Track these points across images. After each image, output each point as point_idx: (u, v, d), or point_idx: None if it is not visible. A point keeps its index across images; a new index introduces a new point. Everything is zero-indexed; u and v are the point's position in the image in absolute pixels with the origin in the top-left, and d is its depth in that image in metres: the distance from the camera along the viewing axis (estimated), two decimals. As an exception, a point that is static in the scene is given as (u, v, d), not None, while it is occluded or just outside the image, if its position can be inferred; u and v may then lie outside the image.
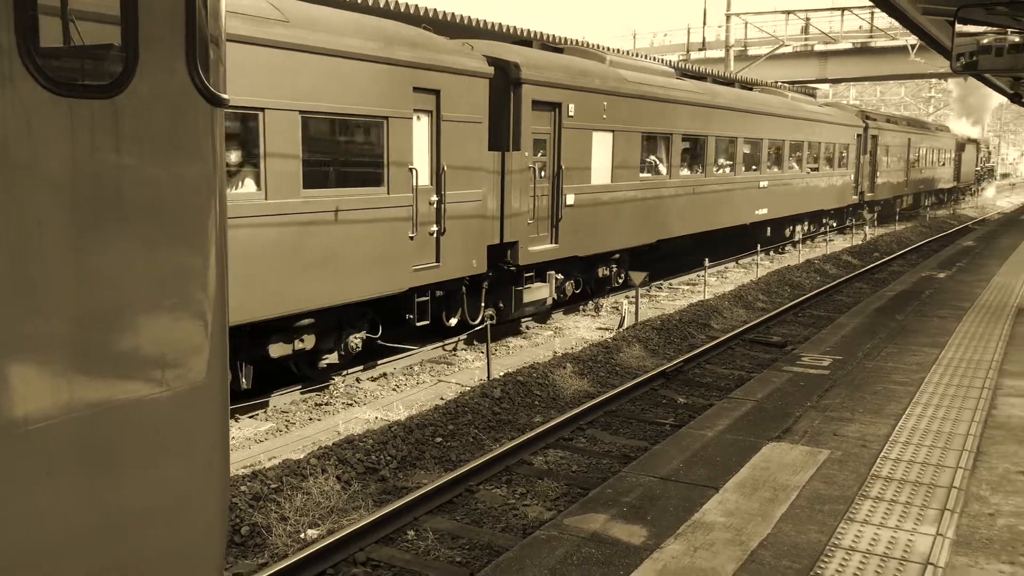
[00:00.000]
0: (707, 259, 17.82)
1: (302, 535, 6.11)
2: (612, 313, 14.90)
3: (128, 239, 2.62)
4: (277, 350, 8.98)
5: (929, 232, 29.84)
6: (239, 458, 7.67)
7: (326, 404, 9.57)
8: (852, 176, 28.12)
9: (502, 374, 10.25)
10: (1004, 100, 26.76)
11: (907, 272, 16.45)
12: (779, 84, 26.76)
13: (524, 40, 14.32)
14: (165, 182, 2.76)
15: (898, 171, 33.43)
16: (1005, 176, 69.93)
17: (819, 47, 34.68)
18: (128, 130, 2.59)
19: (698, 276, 18.37)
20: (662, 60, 20.26)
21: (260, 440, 8.44)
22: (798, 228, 25.16)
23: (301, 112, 8.59)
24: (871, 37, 33.08)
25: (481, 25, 14.03)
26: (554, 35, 15.91)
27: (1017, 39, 10.57)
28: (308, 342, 9.34)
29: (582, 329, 13.82)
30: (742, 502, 4.73)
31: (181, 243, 2.86)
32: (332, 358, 9.92)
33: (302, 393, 9.73)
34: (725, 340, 12.33)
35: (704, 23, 34.82)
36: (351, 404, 9.62)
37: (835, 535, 4.32)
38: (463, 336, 11.90)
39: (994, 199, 53.73)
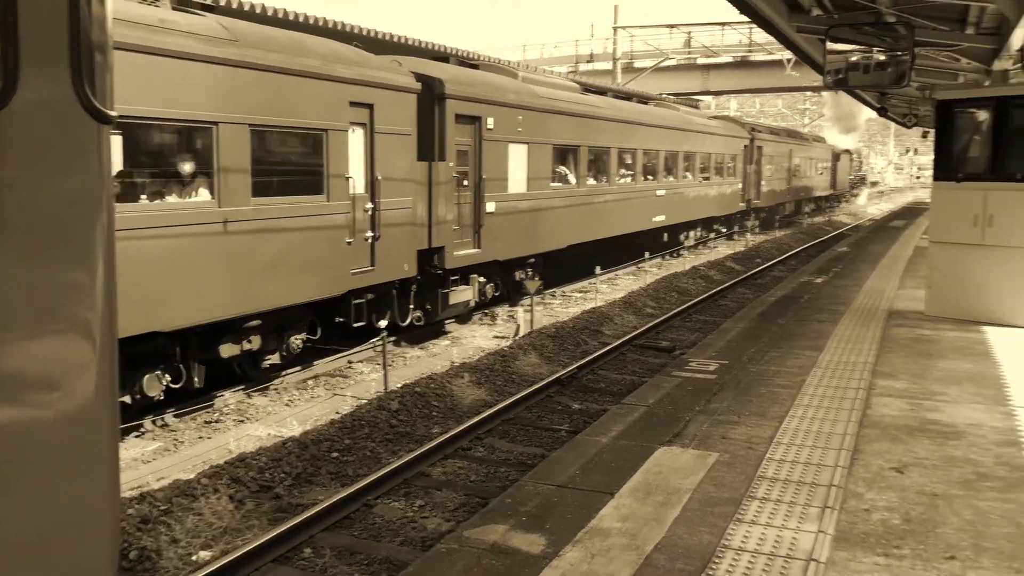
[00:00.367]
0: (598, 267, 18.20)
1: (194, 557, 5.94)
2: (508, 322, 15.03)
3: (9, 256, 2.52)
4: (227, 350, 9.53)
5: (807, 238, 31.20)
6: (126, 479, 7.38)
7: (216, 422, 9.33)
8: (740, 185, 30.01)
9: (399, 386, 10.21)
10: (873, 113, 28.58)
11: (787, 277, 17.17)
12: (664, 95, 27.57)
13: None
14: (49, 199, 2.67)
15: (781, 180, 35.62)
16: (875, 184, 73.86)
17: (702, 60, 35.89)
18: (9, 146, 2.50)
19: (590, 283, 18.70)
20: (558, 73, 20.98)
21: (147, 460, 8.17)
22: (692, 233, 26.42)
23: (250, 126, 9.26)
24: (750, 51, 34.44)
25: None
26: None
27: (882, 57, 11.18)
28: (255, 343, 9.93)
29: (479, 338, 13.88)
30: (637, 507, 4.87)
31: (66, 260, 2.77)
32: (274, 358, 10.54)
33: (176, 416, 9.40)
34: (617, 346, 12.61)
35: (592, 36, 35.49)
36: (242, 421, 9.41)
37: (725, 536, 4.49)
38: (368, 344, 11.79)
39: (865, 206, 56.66)
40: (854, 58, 11.51)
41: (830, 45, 11.58)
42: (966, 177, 10.27)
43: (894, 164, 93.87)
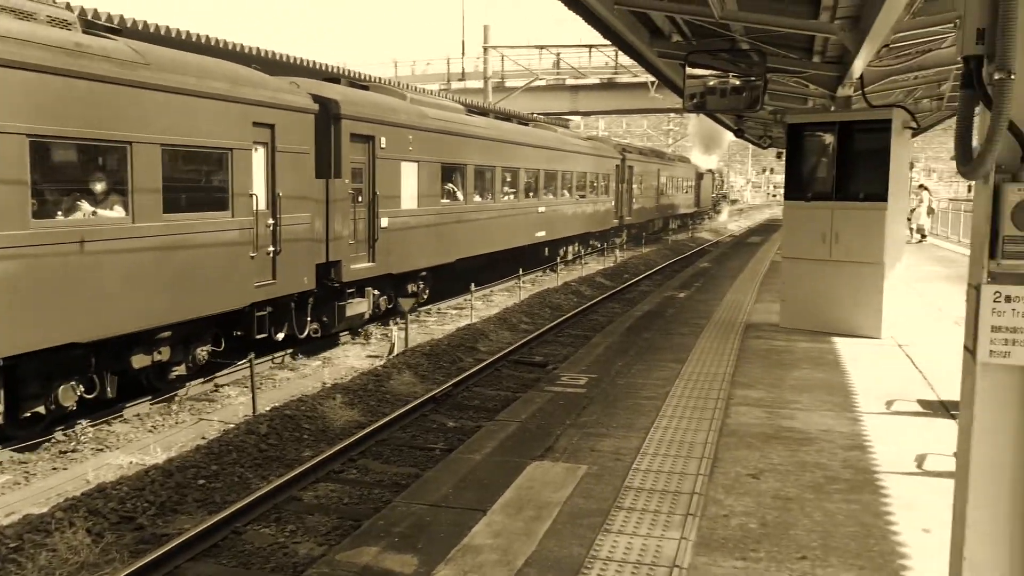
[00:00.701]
0: (473, 284, 18.35)
1: (49, 597, 5.65)
2: (382, 340, 14.92)
3: None
4: (138, 361, 9.89)
5: (672, 254, 32.31)
6: (-29, 518, 6.95)
7: (72, 451, 8.88)
8: (613, 202, 31.82)
9: (269, 409, 10.00)
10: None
11: (653, 292, 17.76)
12: (534, 115, 28.10)
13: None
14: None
15: (650, 198, 37.95)
16: (735, 202, 77.25)
17: (570, 81, 36.74)
18: None
19: (465, 300, 18.80)
20: (430, 91, 21.42)
21: (-4, 496, 7.69)
22: (570, 248, 27.96)
23: (162, 145, 9.73)
24: (616, 73, 35.52)
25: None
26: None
27: (737, 83, 11.75)
28: (165, 354, 10.33)
29: (352, 358, 13.73)
30: (508, 522, 4.95)
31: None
32: (180, 370, 10.90)
33: (22, 449, 8.93)
34: (491, 362, 12.73)
35: (463, 54, 35.71)
36: (102, 449, 9.00)
37: (594, 547, 4.62)
38: (235, 366, 11.47)
39: (726, 223, 59.19)
40: (711, 83, 12.05)
41: (689, 70, 12.09)
42: (814, 196, 10.92)
43: (752, 183, 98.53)
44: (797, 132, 11.18)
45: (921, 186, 30.85)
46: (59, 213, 8.82)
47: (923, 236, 27.88)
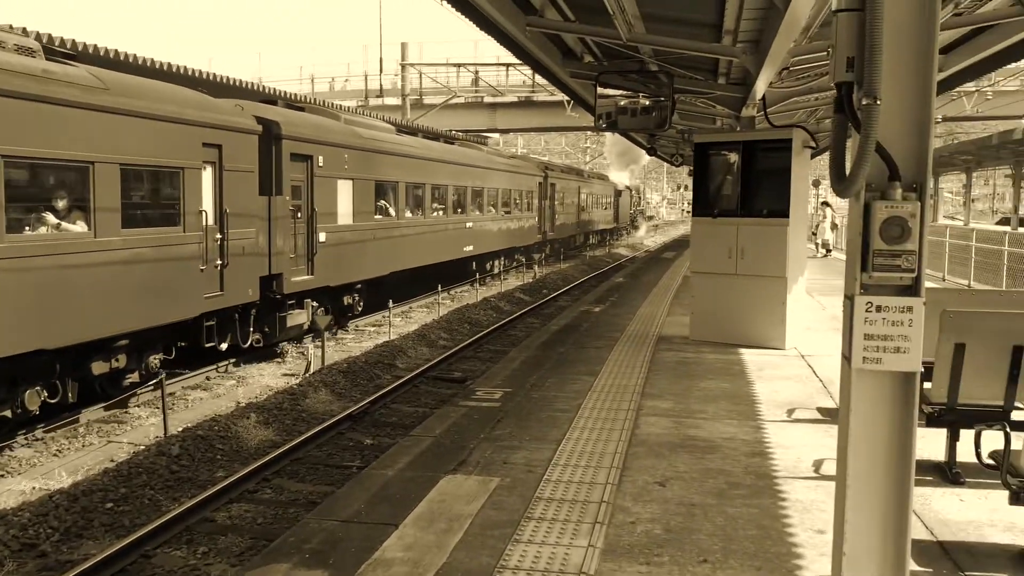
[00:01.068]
0: (391, 300, 18.32)
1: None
2: (298, 358, 14.77)
3: None
4: (98, 367, 10.54)
5: (589, 270, 32.78)
6: None
7: (-29, 478, 8.58)
8: (536, 218, 33.31)
9: (181, 429, 9.82)
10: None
11: (570, 307, 18.03)
12: (453, 132, 28.26)
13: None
14: None
15: (571, 214, 39.66)
16: (651, 218, 78.81)
17: (489, 99, 37.03)
18: None
19: (383, 317, 18.75)
20: (362, 111, 22.06)
21: None
22: (496, 263, 28.94)
23: (120, 165, 10.40)
24: (534, 92, 35.96)
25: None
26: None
27: (647, 103, 12.11)
28: (122, 361, 10.98)
29: (267, 376, 13.57)
30: (420, 535, 5.01)
31: None
32: (134, 377, 11.44)
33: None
34: (410, 379, 12.74)
35: (381, 71, 35.65)
36: (2, 475, 8.70)
37: (503, 557, 4.72)
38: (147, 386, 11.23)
39: (643, 238, 60.35)
40: (622, 103, 12.38)
41: (600, 90, 12.41)
42: (721, 213, 11.31)
43: (667, 199, 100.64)
44: (703, 151, 11.56)
45: (824, 203, 32.04)
46: (27, 228, 9.37)
47: (828, 251, 28.96)
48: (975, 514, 5.45)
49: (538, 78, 34.14)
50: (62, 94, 9.45)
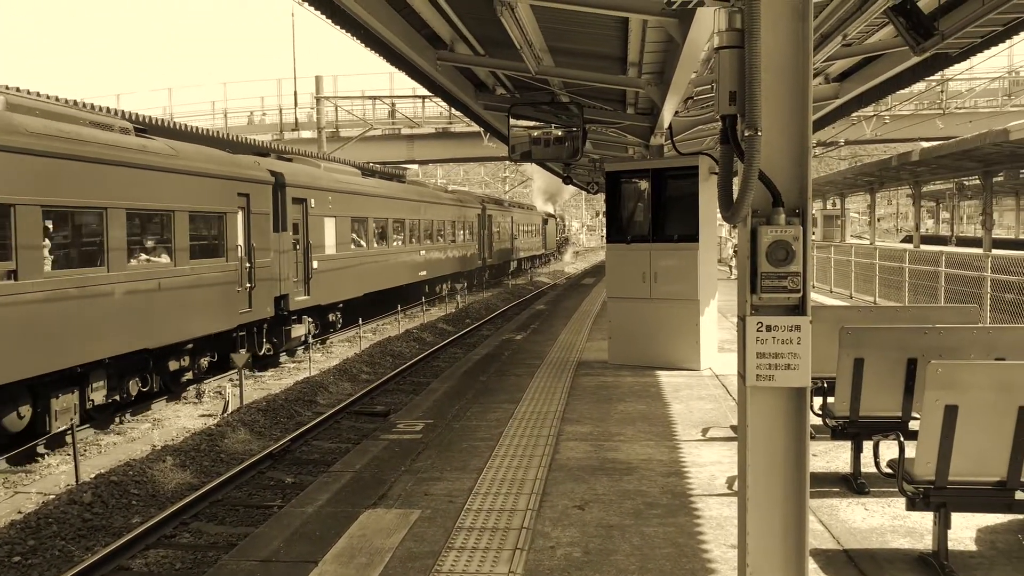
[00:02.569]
0: (312, 337, 18.15)
1: None
2: (215, 399, 14.49)
3: None
4: (173, 364, 13.93)
5: (512, 298, 32.99)
6: None
7: None
8: (478, 246, 37.43)
9: (93, 476, 9.54)
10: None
11: (492, 335, 18.11)
12: (370, 164, 28.32)
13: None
14: None
15: (507, 241, 44.33)
16: (571, 244, 79.96)
17: (406, 131, 37.12)
18: None
19: (303, 352, 18.54)
20: (277, 144, 23.55)
21: None
22: (444, 286, 32.44)
23: (188, 212, 13.82)
24: (450, 123, 36.19)
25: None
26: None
27: (560, 133, 12.37)
28: (186, 361, 14.37)
29: (183, 418, 13.27)
30: (340, 571, 4.99)
31: None
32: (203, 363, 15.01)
33: None
34: (331, 415, 12.62)
35: (296, 105, 35.36)
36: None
37: (424, 587, 4.73)
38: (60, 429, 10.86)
39: (564, 266, 61.10)
40: (536, 133, 12.62)
41: (513, 121, 12.62)
42: (634, 239, 11.58)
43: (586, 226, 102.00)
44: (615, 179, 11.84)
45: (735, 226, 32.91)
46: (132, 260, 12.55)
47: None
48: (878, 521, 5.69)
49: (454, 110, 34.49)
50: (154, 162, 12.80)
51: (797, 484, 3.49)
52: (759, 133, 3.32)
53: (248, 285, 15.77)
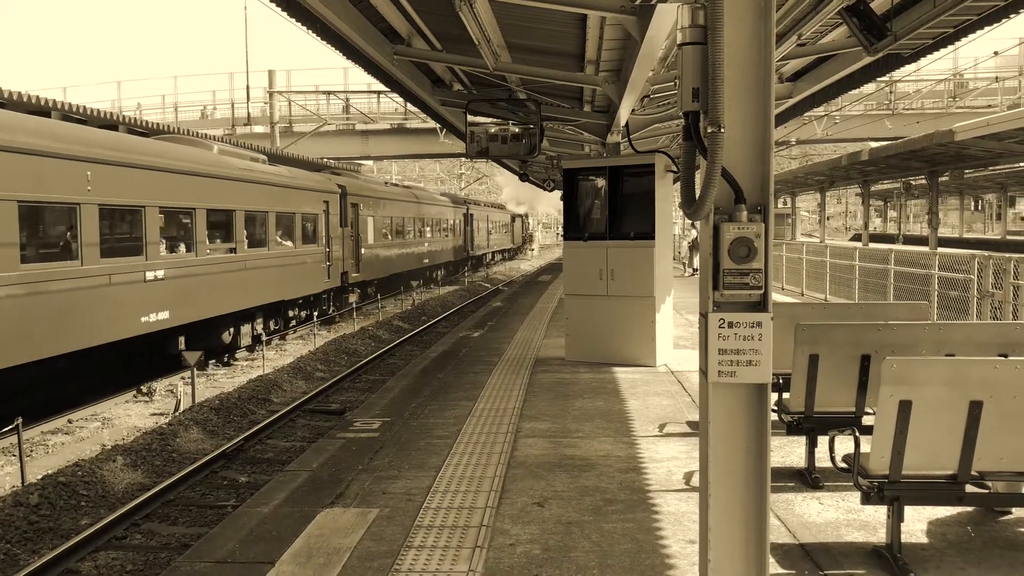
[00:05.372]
0: (264, 334, 17.94)
1: None
2: (167, 397, 14.23)
3: None
4: (291, 313, 21.58)
5: (468, 295, 32.92)
6: None
7: None
8: (463, 240, 45.10)
9: (40, 477, 9.30)
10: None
11: (448, 333, 18.05)
12: (324, 159, 28.11)
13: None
14: None
15: (484, 236, 52.60)
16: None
17: (360, 126, 36.79)
18: None
19: (257, 351, 18.30)
20: (229, 139, 24.60)
21: None
22: (439, 272, 39.11)
23: (300, 213, 21.07)
24: (406, 119, 35.95)
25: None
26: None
27: (517, 130, 12.35)
28: (295, 312, 21.98)
29: (134, 417, 13.01)
30: (298, 571, 4.91)
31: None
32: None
33: None
34: (286, 413, 12.47)
35: (248, 99, 34.85)
36: None
37: (383, 587, 4.68)
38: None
39: (520, 263, 61.24)
40: (493, 130, 12.59)
41: (470, 117, 12.58)
42: (590, 236, 11.61)
43: (543, 224, 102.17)
44: (572, 176, 11.85)
45: (693, 224, 33.26)
46: (268, 246, 19.20)
47: (695, 270, 30.03)
48: (833, 515, 5.77)
49: (410, 106, 34.30)
50: (285, 183, 20.16)
51: (758, 479, 3.51)
52: (722, 130, 3.33)
53: (327, 264, 22.86)
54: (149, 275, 13.92)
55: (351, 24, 8.89)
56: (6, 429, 10.50)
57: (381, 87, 16.93)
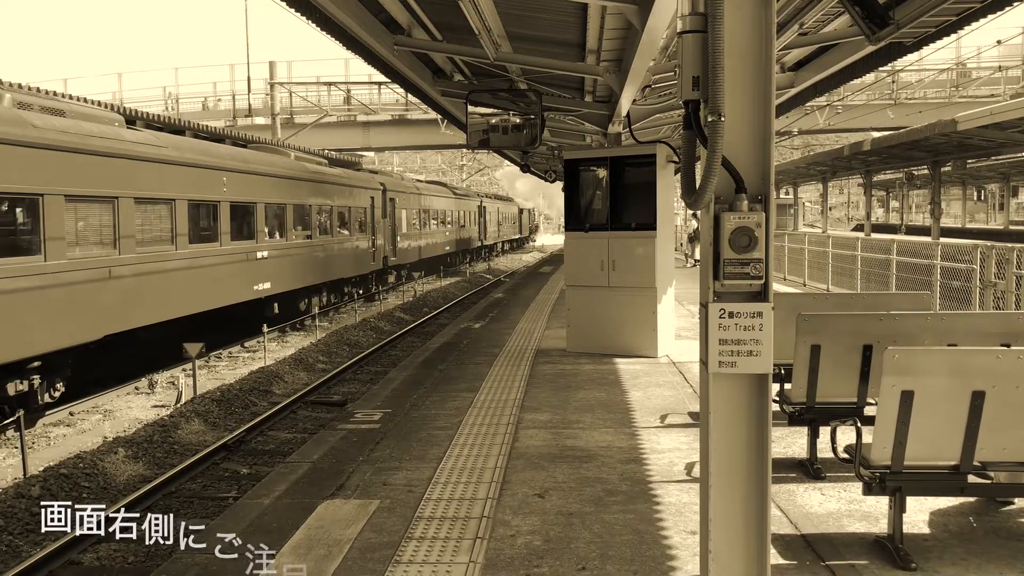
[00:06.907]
0: (265, 326, 17.92)
1: None
2: (169, 389, 14.24)
3: None
4: (346, 289, 26.21)
5: (469, 287, 32.90)
6: None
7: None
8: (477, 230, 49.71)
9: (42, 469, 9.32)
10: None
11: (450, 324, 18.03)
12: (325, 151, 28.08)
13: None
14: None
15: (496, 227, 57.39)
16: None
17: (362, 117, 36.70)
18: None
19: (257, 342, 18.30)
20: (230, 130, 25.59)
21: None
22: (457, 259, 44.15)
23: (355, 207, 25.63)
24: (407, 110, 35.87)
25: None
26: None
27: (518, 120, 12.30)
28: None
29: (135, 409, 13.01)
30: (298, 563, 4.91)
31: None
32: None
33: None
34: (287, 405, 12.46)
35: (249, 91, 34.82)
36: None
37: (384, 578, 4.68)
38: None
39: (522, 255, 61.36)
40: (494, 120, 12.53)
41: (471, 108, 12.52)
42: (592, 227, 11.58)
43: (544, 215, 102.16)
44: (573, 167, 11.81)
45: (694, 214, 33.19)
46: (328, 233, 23.26)
47: (697, 261, 29.98)
48: (835, 506, 5.76)
49: (411, 97, 34.23)
50: (344, 181, 24.33)
51: (760, 470, 3.50)
52: (722, 118, 3.30)
53: (373, 249, 26.73)
54: (259, 255, 18.55)
55: (351, 14, 8.85)
56: (7, 421, 10.51)
57: (382, 78, 16.89)
